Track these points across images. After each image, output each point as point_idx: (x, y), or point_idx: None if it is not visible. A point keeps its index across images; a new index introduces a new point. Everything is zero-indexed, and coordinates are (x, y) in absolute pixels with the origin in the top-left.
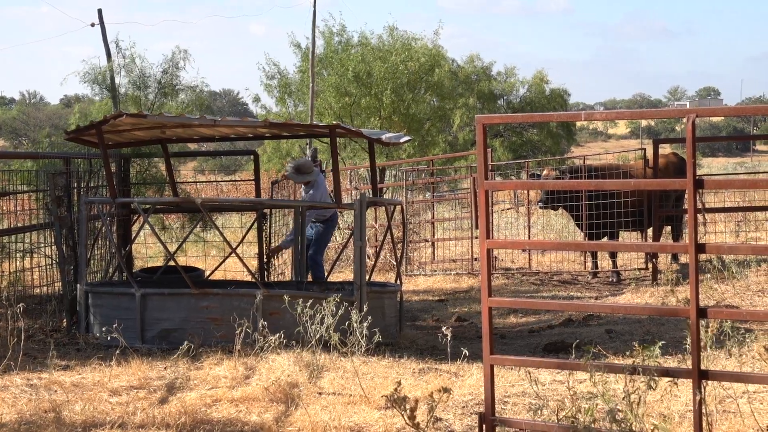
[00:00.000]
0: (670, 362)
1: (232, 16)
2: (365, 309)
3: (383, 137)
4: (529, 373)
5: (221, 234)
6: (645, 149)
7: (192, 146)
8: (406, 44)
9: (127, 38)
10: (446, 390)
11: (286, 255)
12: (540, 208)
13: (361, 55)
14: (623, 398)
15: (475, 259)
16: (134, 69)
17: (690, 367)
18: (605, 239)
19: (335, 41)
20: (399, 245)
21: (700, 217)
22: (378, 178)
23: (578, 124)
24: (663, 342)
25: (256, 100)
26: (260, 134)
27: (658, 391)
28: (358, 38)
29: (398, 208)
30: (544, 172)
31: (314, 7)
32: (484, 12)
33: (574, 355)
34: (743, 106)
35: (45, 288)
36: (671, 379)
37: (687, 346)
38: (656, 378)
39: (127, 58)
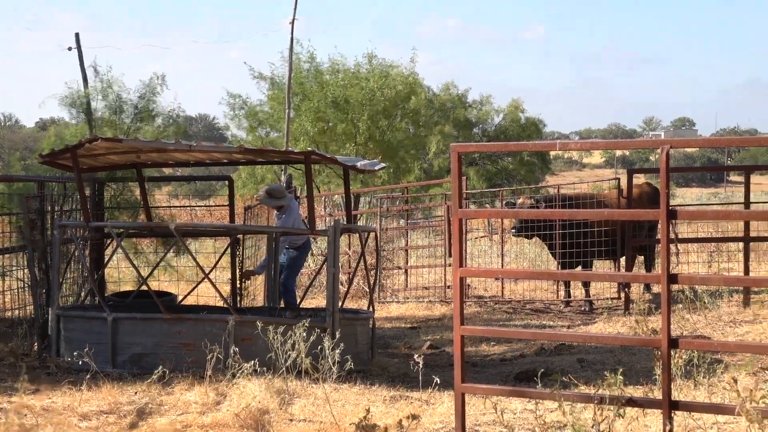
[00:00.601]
0: (641, 392)
1: (209, 42)
2: (338, 336)
3: (358, 164)
4: (495, 405)
5: (194, 259)
6: (619, 179)
7: (167, 171)
8: (383, 71)
9: (104, 63)
10: (415, 417)
11: (259, 280)
12: (513, 235)
13: (339, 81)
14: (592, 426)
15: (448, 287)
16: (110, 93)
17: (660, 397)
18: (579, 268)
19: (304, 68)
20: (372, 272)
21: (673, 247)
22: (352, 205)
23: (553, 153)
24: (633, 372)
25: (225, 128)
26: (235, 160)
27: (628, 421)
28: (327, 65)
29: (372, 234)
30: (519, 201)
31: (291, 33)
32: (459, 40)
33: (540, 385)
34: (717, 137)
35: (16, 311)
36: (642, 409)
37: (657, 376)
38: (624, 407)
39: (104, 82)
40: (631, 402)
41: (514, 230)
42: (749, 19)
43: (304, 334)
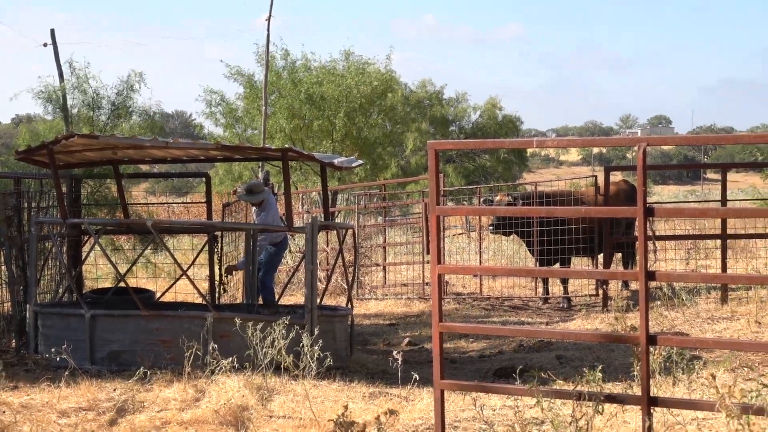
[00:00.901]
0: (620, 388)
1: (187, 38)
2: (316, 332)
3: (335, 161)
4: (475, 401)
5: (172, 256)
6: (596, 176)
7: (144, 168)
8: (359, 68)
9: (81, 59)
10: (393, 412)
11: (239, 277)
12: (491, 233)
13: (315, 77)
14: (570, 423)
15: (427, 284)
16: (88, 89)
17: (640, 393)
18: (557, 265)
19: (279, 65)
20: (350, 269)
21: (650, 244)
22: (330, 202)
23: (530, 150)
24: (612, 368)
25: (200, 128)
26: (212, 156)
27: (607, 418)
28: (301, 61)
29: (350, 231)
30: (497, 198)
31: (268, 30)
32: (436, 38)
33: (518, 381)
34: (694, 135)
35: None
36: (621, 405)
37: (636, 372)
38: (602, 403)
39: (81, 78)
40: (611, 398)
41: (492, 227)
42: (724, 20)
43: (284, 331)
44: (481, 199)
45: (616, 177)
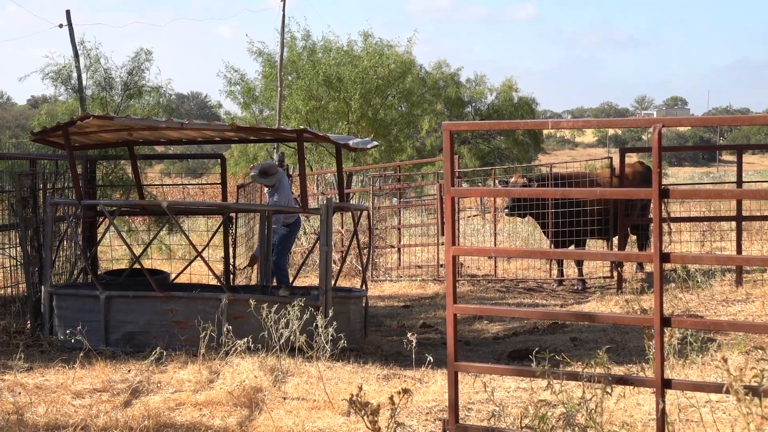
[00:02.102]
0: (634, 371)
1: (200, 19)
2: (330, 314)
3: (350, 142)
4: (485, 385)
5: (187, 237)
6: (611, 158)
7: (159, 149)
8: (378, 50)
9: (92, 39)
10: (406, 391)
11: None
12: (506, 215)
13: (333, 59)
14: (578, 405)
15: (441, 266)
16: (99, 69)
17: (653, 376)
18: (572, 247)
19: (299, 46)
20: (365, 251)
21: (665, 226)
22: (345, 183)
23: (545, 132)
24: (626, 350)
25: (218, 106)
26: (227, 138)
27: (621, 400)
28: (322, 43)
29: (365, 213)
30: (512, 180)
31: (283, 10)
32: (449, 18)
33: (535, 363)
34: (709, 116)
35: (9, 289)
36: (634, 387)
37: (650, 355)
38: (615, 385)
39: (92, 58)
40: (624, 381)
41: (507, 209)
42: (737, 0)
43: (298, 312)
44: (497, 181)
45: (632, 159)
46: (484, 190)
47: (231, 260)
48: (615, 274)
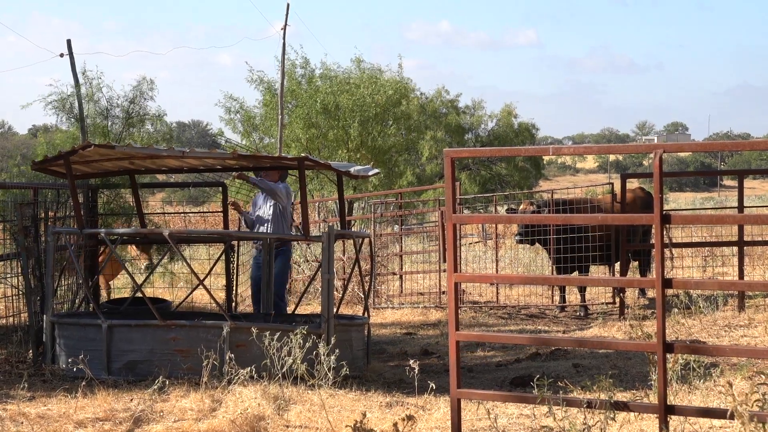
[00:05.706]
0: (637, 397)
1: (200, 48)
2: (333, 342)
3: (351, 170)
4: (488, 411)
5: (189, 266)
6: (613, 184)
7: (160, 177)
8: (372, 76)
9: (95, 68)
10: (410, 418)
11: (245, 287)
12: (517, 242)
13: (329, 87)
14: (582, 431)
15: (443, 292)
16: (101, 99)
17: (656, 401)
18: (575, 273)
19: (298, 74)
20: (367, 278)
21: (667, 251)
22: (346, 211)
23: (546, 158)
24: (629, 376)
25: (220, 134)
26: (229, 166)
27: (625, 426)
28: (321, 71)
29: (366, 240)
30: (521, 207)
31: (284, 38)
32: (450, 44)
33: (536, 390)
34: (710, 141)
35: (11, 318)
36: (638, 414)
37: (653, 380)
38: (618, 411)
39: (94, 86)
40: (627, 407)
41: (518, 236)
42: (738, 25)
43: (300, 340)
44: (507, 209)
45: (633, 184)
46: (485, 216)
47: (233, 288)
48: (617, 300)
